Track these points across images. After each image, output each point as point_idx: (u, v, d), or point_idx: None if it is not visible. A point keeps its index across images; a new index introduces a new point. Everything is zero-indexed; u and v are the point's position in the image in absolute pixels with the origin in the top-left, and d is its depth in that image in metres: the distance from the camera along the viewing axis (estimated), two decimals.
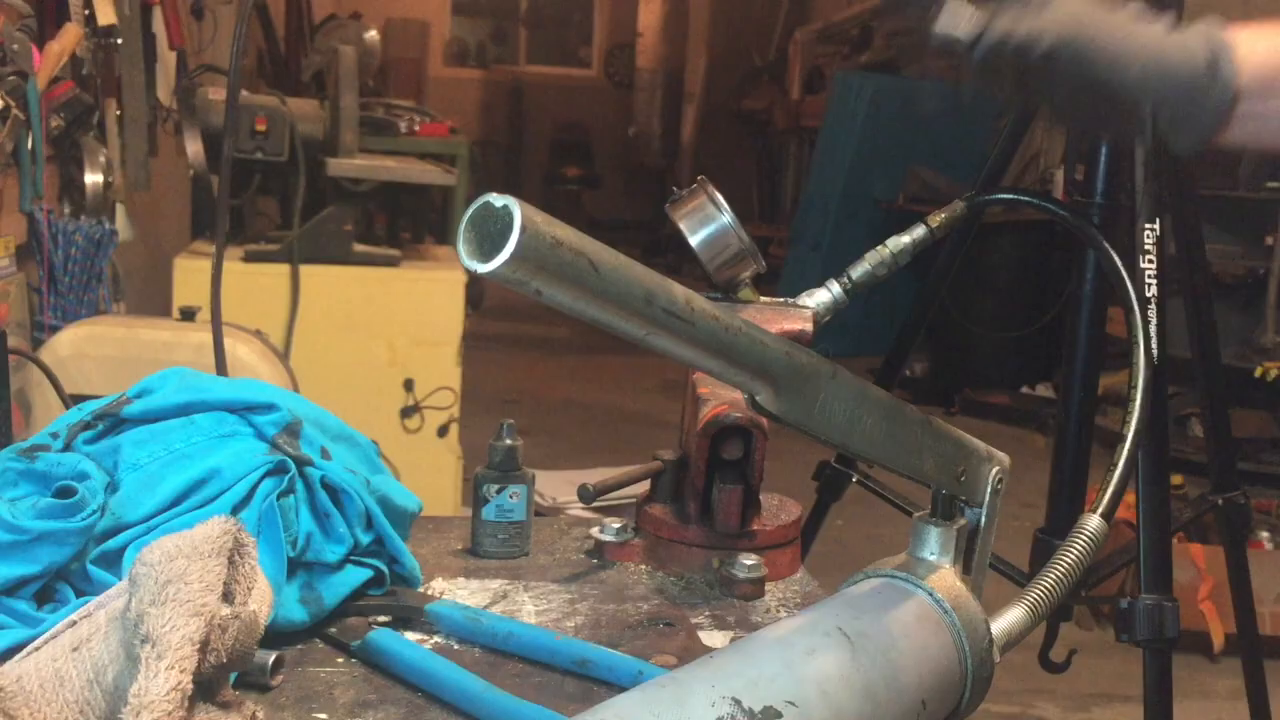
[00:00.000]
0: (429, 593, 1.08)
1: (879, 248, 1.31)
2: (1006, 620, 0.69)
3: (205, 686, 0.76)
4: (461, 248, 0.44)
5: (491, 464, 1.18)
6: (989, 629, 0.66)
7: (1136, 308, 0.95)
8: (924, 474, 0.66)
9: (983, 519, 0.69)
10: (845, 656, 0.58)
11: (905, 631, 0.62)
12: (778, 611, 1.11)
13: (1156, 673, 1.80)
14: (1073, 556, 0.74)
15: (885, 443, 0.63)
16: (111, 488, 0.96)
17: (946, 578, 0.65)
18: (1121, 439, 0.84)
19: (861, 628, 0.60)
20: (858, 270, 1.30)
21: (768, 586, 1.14)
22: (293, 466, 0.98)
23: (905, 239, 1.31)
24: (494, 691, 0.88)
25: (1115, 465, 0.82)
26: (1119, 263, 0.95)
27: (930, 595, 0.64)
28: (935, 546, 0.66)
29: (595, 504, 1.17)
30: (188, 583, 0.75)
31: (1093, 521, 0.75)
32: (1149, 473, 1.79)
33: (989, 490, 0.69)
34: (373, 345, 3.09)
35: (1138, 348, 0.93)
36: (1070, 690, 3.27)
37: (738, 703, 0.53)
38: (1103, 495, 0.79)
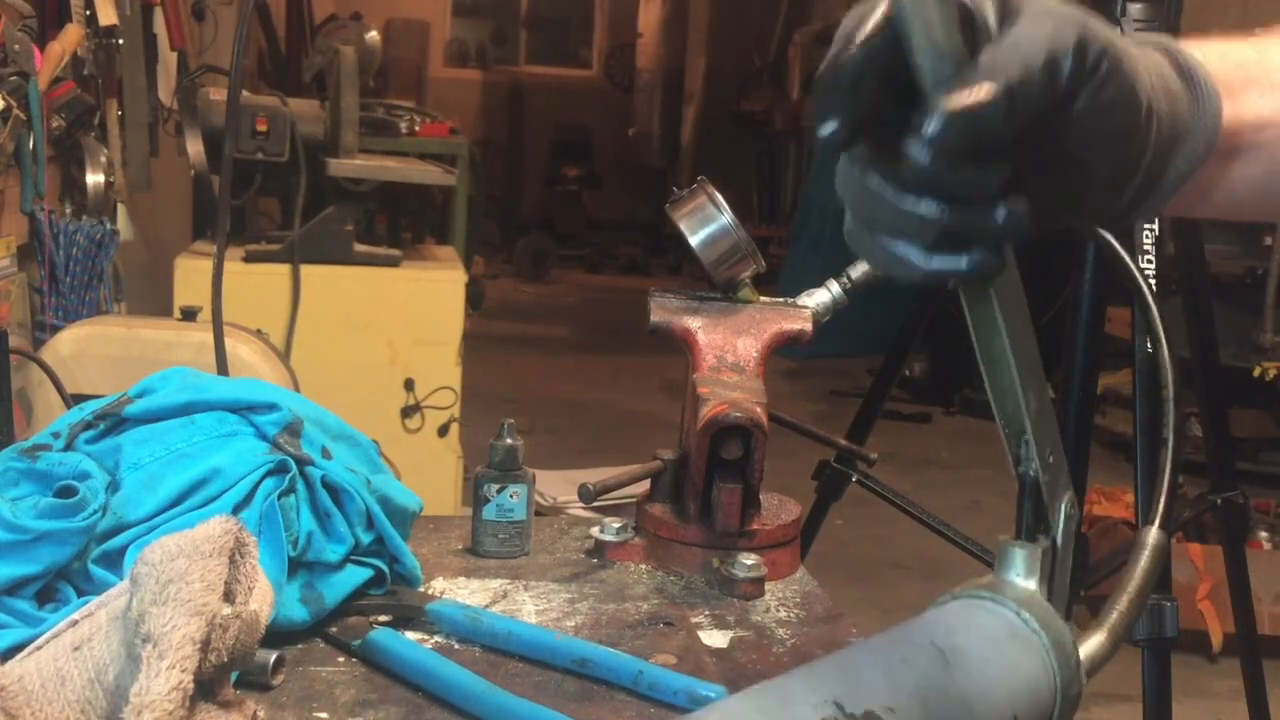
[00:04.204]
0: (429, 592, 1.09)
1: None
2: (1090, 644, 0.70)
3: (206, 686, 0.77)
4: None
5: (492, 463, 1.19)
6: (1076, 649, 0.66)
7: (1152, 303, 0.92)
8: (1022, 417, 0.66)
9: (1059, 542, 0.69)
10: (940, 668, 0.59)
11: (998, 649, 0.63)
12: (777, 610, 1.11)
13: (1156, 672, 1.80)
14: (1142, 575, 0.73)
15: (1023, 358, 0.64)
16: (113, 487, 0.96)
17: (1034, 599, 0.66)
18: (1163, 443, 0.83)
19: (955, 643, 0.61)
20: (857, 270, 1.31)
21: (767, 586, 1.15)
22: (294, 466, 0.99)
23: None
24: (494, 691, 0.88)
25: (1163, 472, 0.81)
26: (1127, 257, 0.93)
27: (1018, 615, 0.64)
28: (1021, 568, 0.67)
29: (595, 503, 1.18)
30: (189, 582, 0.75)
31: (1153, 535, 0.74)
32: (1147, 472, 1.79)
33: (1063, 516, 0.69)
34: (373, 345, 3.09)
35: (1161, 347, 0.90)
36: None
37: (840, 707, 0.54)
38: (1156, 505, 0.77)
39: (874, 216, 0.57)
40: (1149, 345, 1.90)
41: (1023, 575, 0.67)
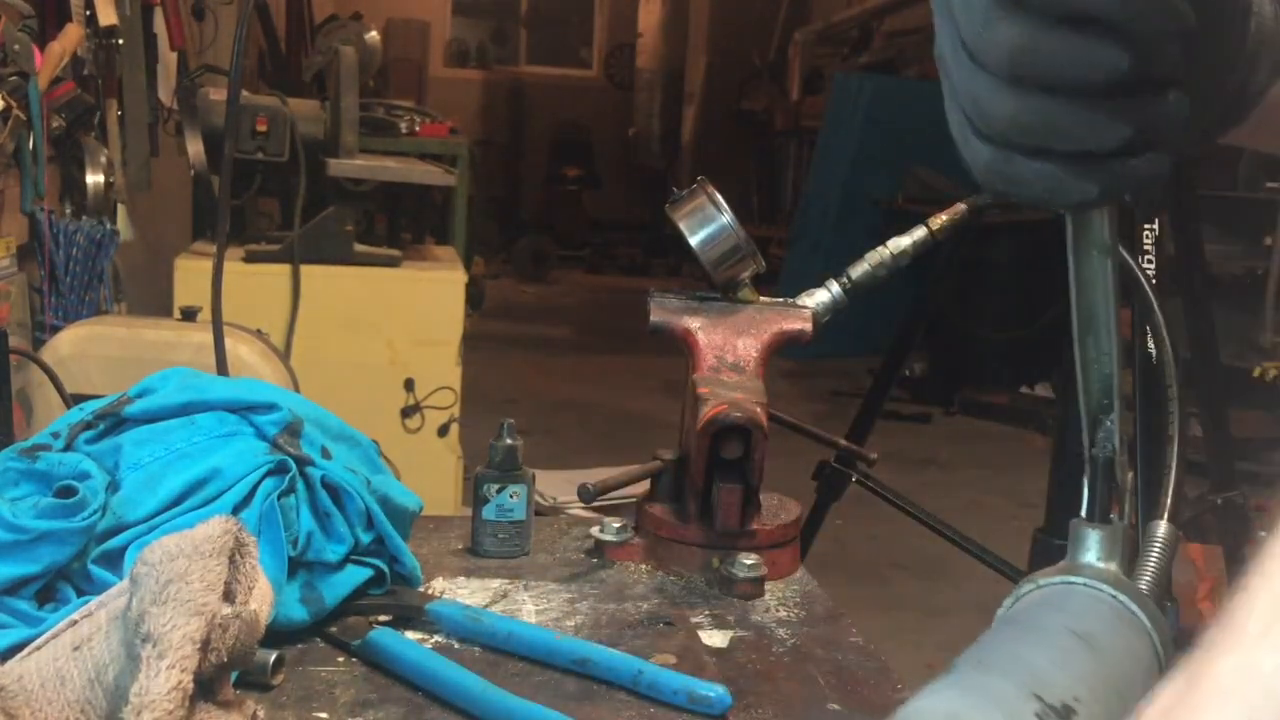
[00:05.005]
0: (429, 592, 1.09)
1: (879, 248, 1.31)
2: None
3: (206, 685, 0.77)
4: None
5: (492, 463, 1.19)
6: (1168, 627, 0.66)
7: (1155, 302, 0.91)
8: (1112, 391, 0.64)
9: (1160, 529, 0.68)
10: (1089, 655, 0.59)
11: (1118, 632, 0.62)
12: (777, 610, 1.11)
13: None
14: (1155, 567, 0.72)
15: (1118, 328, 0.62)
16: (112, 487, 0.96)
17: (1124, 580, 0.65)
18: (1169, 439, 0.82)
19: (1087, 629, 0.61)
20: (857, 270, 1.31)
21: (767, 586, 1.15)
22: (293, 466, 0.99)
23: (905, 240, 1.31)
24: (494, 690, 0.88)
25: (1170, 467, 0.80)
26: (1129, 258, 0.93)
27: (1115, 597, 0.64)
28: (1099, 550, 0.66)
29: (595, 503, 1.18)
30: (189, 582, 0.75)
31: (1163, 529, 0.73)
32: (1148, 470, 1.79)
33: (1169, 499, 0.68)
34: (373, 345, 3.09)
35: (1164, 347, 0.89)
36: None
37: (1040, 699, 0.54)
38: (1165, 500, 0.77)
39: (1046, 139, 0.53)
40: (1150, 344, 1.90)
41: (1103, 558, 0.66)
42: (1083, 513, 0.66)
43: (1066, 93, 0.52)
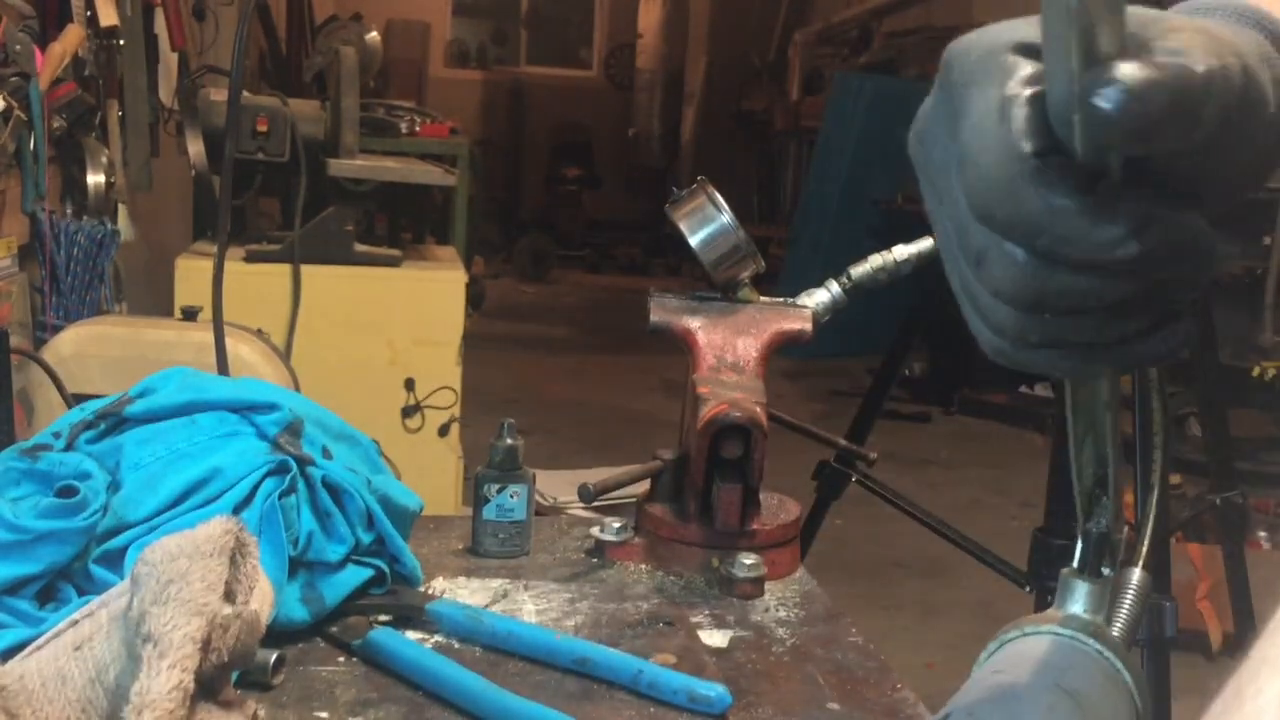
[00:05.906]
0: (430, 592, 1.09)
1: (884, 252, 1.30)
2: None
3: (207, 685, 0.77)
4: None
5: (492, 463, 1.19)
6: (1145, 683, 0.66)
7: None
8: (1108, 479, 0.65)
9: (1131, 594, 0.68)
10: (1075, 713, 0.59)
11: (1103, 689, 0.62)
12: (777, 610, 1.11)
13: (1154, 672, 1.81)
14: (1127, 618, 0.72)
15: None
16: (113, 487, 0.96)
17: (1110, 635, 0.65)
18: (1149, 487, 0.81)
19: (1073, 685, 0.61)
20: (858, 269, 1.31)
21: (767, 586, 1.15)
22: (294, 466, 0.99)
23: (911, 250, 1.30)
24: (494, 690, 0.88)
25: (1148, 518, 0.79)
26: None
27: (1100, 654, 0.64)
28: (1087, 603, 0.66)
29: (595, 503, 1.18)
30: (189, 582, 0.75)
31: (1136, 576, 0.73)
32: (1145, 472, 1.79)
33: (1137, 580, 0.68)
34: (374, 345, 3.09)
35: (1152, 395, 0.87)
36: None
37: None
38: (1141, 546, 0.76)
39: (1052, 343, 0.51)
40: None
41: (1091, 610, 0.66)
42: (1074, 563, 0.66)
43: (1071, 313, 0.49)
